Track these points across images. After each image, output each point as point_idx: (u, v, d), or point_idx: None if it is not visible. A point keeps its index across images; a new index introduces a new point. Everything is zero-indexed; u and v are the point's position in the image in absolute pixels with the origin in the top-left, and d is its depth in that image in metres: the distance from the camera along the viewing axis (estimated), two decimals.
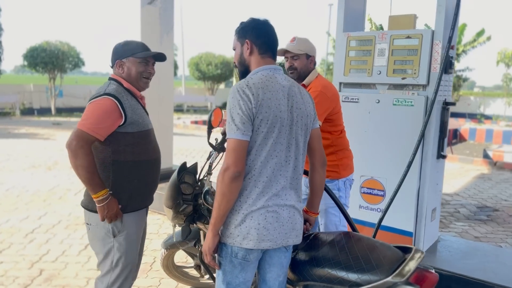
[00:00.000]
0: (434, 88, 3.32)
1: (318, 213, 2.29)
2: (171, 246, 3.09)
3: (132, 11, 5.50)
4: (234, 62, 2.15)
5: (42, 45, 19.66)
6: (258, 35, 2.00)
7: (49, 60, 19.46)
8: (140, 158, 2.33)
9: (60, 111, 20.53)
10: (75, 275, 3.69)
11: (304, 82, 2.85)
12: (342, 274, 1.91)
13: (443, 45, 3.36)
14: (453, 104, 3.62)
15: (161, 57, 2.43)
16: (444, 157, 3.64)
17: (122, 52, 2.34)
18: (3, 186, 6.59)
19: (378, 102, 3.63)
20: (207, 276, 3.23)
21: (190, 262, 3.45)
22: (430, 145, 3.47)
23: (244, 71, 2.07)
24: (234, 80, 19.72)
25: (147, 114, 2.48)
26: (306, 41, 2.87)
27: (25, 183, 6.79)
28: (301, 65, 2.85)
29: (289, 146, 1.95)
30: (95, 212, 2.27)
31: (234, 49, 2.12)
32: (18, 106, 19.36)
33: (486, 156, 10.42)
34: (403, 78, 3.50)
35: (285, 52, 2.86)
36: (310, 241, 2.20)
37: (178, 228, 2.93)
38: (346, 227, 3.01)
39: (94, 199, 2.20)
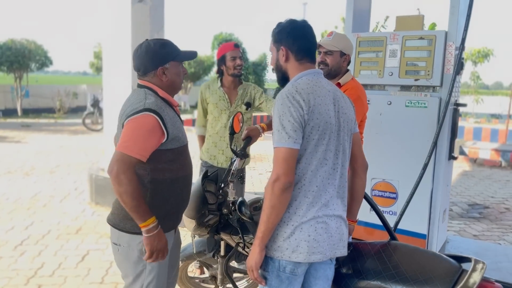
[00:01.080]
0: (448, 89, 3.30)
1: (357, 221, 2.21)
2: (187, 258, 2.95)
3: (106, 9, 5.24)
4: (272, 66, 2.04)
5: (7, 43, 18.80)
6: (294, 40, 1.89)
7: (15, 59, 18.65)
8: (177, 175, 2.12)
9: (27, 112, 19.71)
10: None
11: (340, 81, 2.74)
12: (398, 287, 1.83)
13: (456, 46, 3.35)
14: (464, 105, 3.62)
15: (194, 55, 2.23)
16: (454, 158, 3.64)
17: (164, 56, 2.07)
18: None
19: (390, 103, 3.58)
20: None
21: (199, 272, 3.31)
22: (443, 146, 3.46)
23: (282, 77, 1.99)
24: (209, 78, 19.39)
25: (183, 123, 2.25)
26: (343, 38, 2.76)
27: (3, 190, 6.41)
28: (334, 62, 2.72)
29: (337, 153, 1.87)
30: (127, 232, 2.07)
31: (271, 52, 2.01)
32: None
33: (462, 152, 10.67)
34: (416, 80, 3.47)
35: (319, 46, 2.72)
36: (351, 252, 2.10)
37: (196, 238, 2.80)
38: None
39: (143, 229, 1.96)
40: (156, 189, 2.06)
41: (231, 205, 2.36)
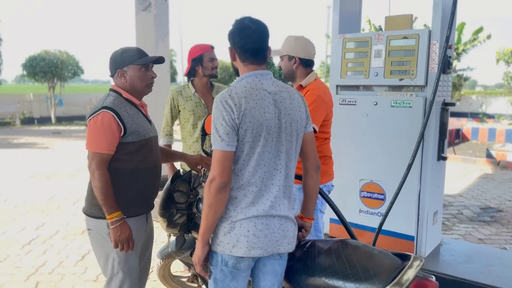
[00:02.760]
0: (432, 88, 3.25)
1: (313, 219, 2.22)
2: (166, 256, 3.02)
3: (128, 18, 5.47)
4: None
5: (41, 55, 19.74)
6: (237, 41, 1.91)
7: (48, 69, 19.54)
8: (139, 166, 2.33)
9: (60, 120, 20.54)
10: (71, 287, 3.63)
11: (301, 83, 2.78)
12: (339, 283, 1.84)
13: (440, 44, 3.30)
14: (453, 104, 3.55)
15: (159, 60, 2.39)
16: (444, 158, 3.57)
17: (121, 61, 2.31)
18: (1, 197, 6.54)
19: (376, 104, 3.56)
20: (204, 286, 3.16)
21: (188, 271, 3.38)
22: (430, 146, 3.40)
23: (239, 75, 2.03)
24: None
25: (150, 121, 2.47)
26: (288, 41, 2.80)
27: (23, 194, 6.74)
28: (283, 66, 2.82)
29: (278, 154, 1.89)
30: (95, 217, 2.31)
31: None
32: (18, 115, 19.38)
33: (489, 155, 10.32)
34: (400, 79, 3.44)
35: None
36: (307, 249, 2.12)
37: (173, 238, 2.88)
38: (321, 233, 2.96)
39: (108, 221, 2.22)
40: (115, 177, 2.26)
41: (195, 203, 2.43)
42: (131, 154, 2.29)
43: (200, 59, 3.35)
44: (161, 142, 3.55)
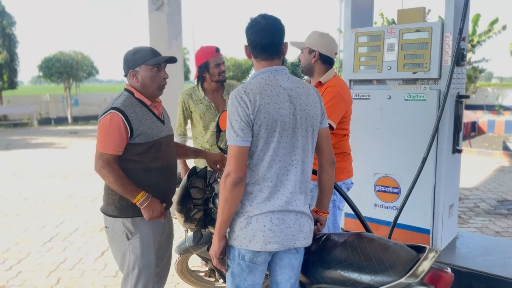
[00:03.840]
0: (446, 81, 3.24)
1: (328, 213, 2.25)
2: (184, 251, 3.08)
3: (141, 17, 5.53)
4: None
5: (56, 56, 20.01)
6: (250, 38, 1.94)
7: (64, 70, 19.81)
8: (150, 166, 2.35)
9: (76, 120, 20.84)
10: (91, 283, 3.72)
11: (321, 80, 2.78)
12: (355, 276, 1.87)
13: (453, 37, 3.28)
14: (467, 97, 3.53)
15: (171, 60, 2.40)
16: (459, 151, 3.55)
17: (133, 61, 2.33)
18: (21, 196, 6.69)
19: (390, 98, 3.56)
20: (221, 281, 3.21)
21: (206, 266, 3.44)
22: (445, 139, 3.39)
23: None
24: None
25: (162, 121, 2.46)
26: (312, 35, 2.81)
27: (42, 193, 6.88)
28: (303, 60, 2.82)
29: (293, 149, 1.91)
30: (109, 216, 2.37)
31: None
32: (35, 116, 19.71)
33: (506, 148, 10.17)
34: (414, 73, 3.43)
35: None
36: (322, 242, 2.15)
37: (190, 233, 2.93)
38: (339, 230, 2.97)
39: (137, 204, 2.28)
40: (127, 177, 2.29)
41: (211, 198, 2.48)
42: (140, 155, 2.32)
43: (206, 66, 3.31)
44: (176, 141, 3.59)
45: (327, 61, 2.80)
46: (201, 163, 3.59)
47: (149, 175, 2.36)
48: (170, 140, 2.52)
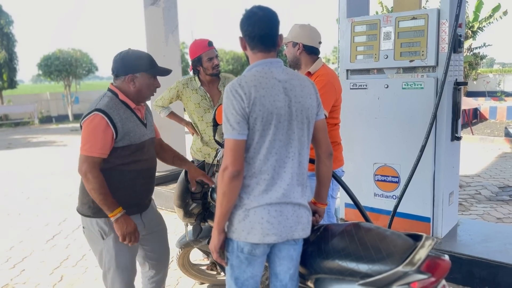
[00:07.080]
0: (443, 68, 3.22)
1: (326, 204, 2.25)
2: (185, 245, 3.09)
3: (137, 13, 5.50)
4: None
5: (55, 54, 19.96)
6: (244, 28, 1.92)
7: (63, 67, 19.77)
8: (128, 168, 2.32)
9: (77, 117, 20.79)
10: (94, 279, 3.73)
11: (310, 70, 2.79)
12: (353, 265, 1.87)
13: (450, 23, 3.26)
14: (465, 83, 3.52)
15: (168, 73, 2.38)
16: (458, 138, 3.55)
17: (136, 66, 2.28)
18: (24, 195, 6.72)
19: (387, 87, 3.55)
20: (223, 273, 3.23)
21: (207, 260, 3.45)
22: (443, 127, 3.38)
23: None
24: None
25: (145, 124, 2.42)
26: (293, 28, 2.82)
27: (44, 191, 6.91)
28: (289, 54, 2.83)
29: (290, 142, 1.91)
30: (85, 215, 2.35)
31: None
32: (36, 115, 19.71)
33: (507, 134, 10.13)
34: (411, 61, 3.41)
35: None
36: (320, 233, 2.15)
37: (190, 227, 2.94)
38: (334, 218, 2.97)
39: (111, 218, 2.23)
40: (105, 178, 2.23)
41: (209, 192, 2.48)
42: (121, 158, 2.28)
43: (199, 60, 3.31)
44: (162, 115, 3.67)
45: (312, 51, 2.80)
46: (199, 156, 3.60)
47: (127, 177, 2.33)
48: (152, 143, 2.50)
